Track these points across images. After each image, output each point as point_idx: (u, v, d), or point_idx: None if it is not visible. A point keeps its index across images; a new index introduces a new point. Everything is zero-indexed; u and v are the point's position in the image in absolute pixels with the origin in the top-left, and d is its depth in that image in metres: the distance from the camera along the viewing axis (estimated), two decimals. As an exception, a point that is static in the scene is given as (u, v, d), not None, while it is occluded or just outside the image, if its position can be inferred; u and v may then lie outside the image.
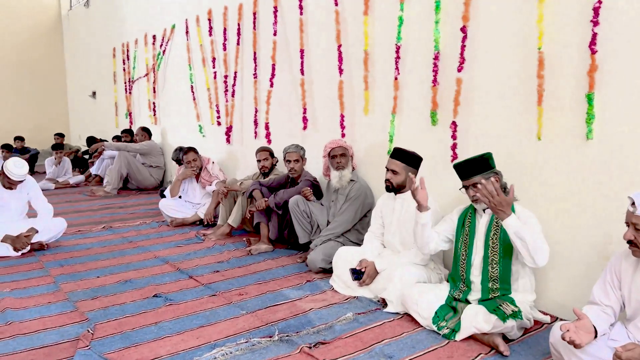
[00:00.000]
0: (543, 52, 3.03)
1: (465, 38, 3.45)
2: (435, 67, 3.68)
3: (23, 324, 3.03)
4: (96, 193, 7.66)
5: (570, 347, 2.28)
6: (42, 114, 12.61)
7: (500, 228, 2.80)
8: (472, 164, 2.87)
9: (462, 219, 3.02)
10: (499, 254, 2.81)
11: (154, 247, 4.72)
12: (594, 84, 2.82)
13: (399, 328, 2.95)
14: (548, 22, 3.01)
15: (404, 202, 3.48)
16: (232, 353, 2.63)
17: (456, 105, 3.56)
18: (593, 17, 2.78)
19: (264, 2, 5.46)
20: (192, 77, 6.99)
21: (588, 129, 2.86)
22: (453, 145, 3.60)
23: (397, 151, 3.48)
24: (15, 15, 12.19)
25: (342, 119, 4.56)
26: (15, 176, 4.42)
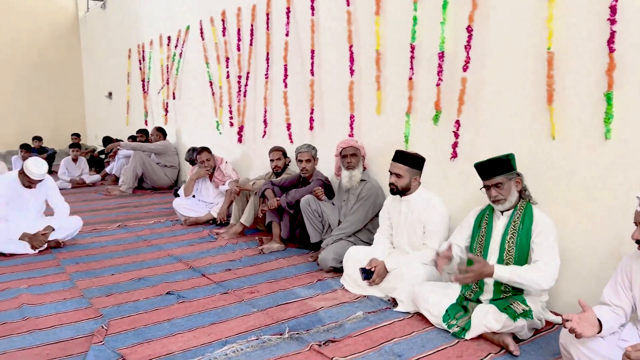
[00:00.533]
0: (553, 52, 3.01)
1: (471, 38, 3.46)
2: (439, 67, 3.71)
3: (39, 319, 3.10)
4: (112, 192, 7.77)
5: (579, 347, 2.28)
6: (59, 114, 12.80)
7: (517, 232, 2.80)
8: (495, 164, 2.85)
9: (479, 219, 3.01)
10: (514, 258, 2.79)
11: (168, 246, 4.78)
12: (612, 83, 2.80)
13: (408, 327, 2.96)
14: (560, 21, 2.99)
15: (410, 204, 3.49)
16: (243, 350, 2.67)
17: (460, 104, 3.57)
18: (610, 15, 2.76)
19: (277, 3, 5.49)
20: (210, 75, 7.03)
21: (606, 129, 2.83)
22: (465, 144, 3.61)
23: (398, 154, 3.48)
24: (34, 17, 12.39)
25: (352, 119, 4.58)
26: (35, 175, 4.51)
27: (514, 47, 3.28)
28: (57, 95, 12.79)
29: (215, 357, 2.58)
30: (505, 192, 2.83)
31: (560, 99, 3.04)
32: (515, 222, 2.83)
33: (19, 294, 3.49)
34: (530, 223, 2.79)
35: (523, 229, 2.79)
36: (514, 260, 2.79)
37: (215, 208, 5.67)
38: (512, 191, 2.84)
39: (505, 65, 3.34)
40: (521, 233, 2.79)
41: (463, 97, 3.57)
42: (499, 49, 3.36)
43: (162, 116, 8.59)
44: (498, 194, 2.83)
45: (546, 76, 3.08)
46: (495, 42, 3.38)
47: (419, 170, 3.47)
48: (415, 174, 3.44)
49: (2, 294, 3.53)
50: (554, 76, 3.05)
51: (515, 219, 2.84)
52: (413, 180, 3.44)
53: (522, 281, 2.66)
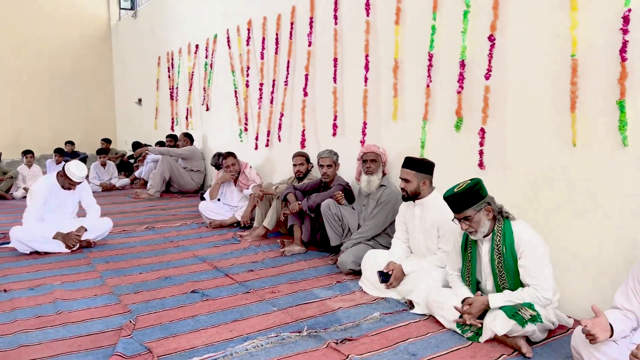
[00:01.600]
0: (577, 58, 3.07)
1: (493, 47, 3.53)
2: (461, 75, 3.78)
3: (72, 313, 3.27)
4: (140, 195, 8.02)
5: (590, 350, 2.34)
6: (91, 119, 13.24)
7: (503, 256, 2.80)
8: (460, 197, 2.80)
9: (464, 243, 3.02)
10: (508, 282, 2.82)
11: (193, 247, 4.95)
12: (625, 91, 2.85)
13: (424, 328, 3.03)
14: (581, 29, 3.04)
15: (423, 208, 3.57)
16: (263, 346, 2.78)
17: (485, 112, 3.64)
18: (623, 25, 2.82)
19: (301, 12, 5.64)
20: (235, 83, 7.23)
21: (622, 136, 2.88)
22: (480, 152, 3.68)
23: (407, 160, 3.57)
24: (69, 27, 12.87)
25: (365, 125, 4.71)
26: (76, 178, 4.74)
27: (534, 55, 3.34)
28: (89, 101, 13.23)
29: (237, 352, 2.70)
30: (475, 224, 2.81)
31: (581, 107, 3.09)
32: (498, 245, 2.83)
33: (53, 289, 3.69)
34: (511, 243, 2.79)
35: (507, 252, 2.79)
36: (510, 282, 2.82)
37: (239, 211, 5.82)
38: (483, 221, 2.82)
39: (526, 73, 3.40)
40: (506, 256, 2.79)
41: (487, 105, 3.65)
42: (520, 57, 3.43)
43: (188, 122, 8.83)
44: (468, 227, 2.83)
45: (570, 83, 3.12)
46: (516, 50, 3.45)
47: (427, 174, 3.54)
48: (423, 178, 3.51)
49: (37, 289, 3.73)
50: (577, 83, 3.09)
51: (497, 242, 2.83)
52: (422, 185, 3.51)
53: (519, 301, 2.73)
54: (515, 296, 2.76)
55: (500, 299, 2.77)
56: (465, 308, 2.83)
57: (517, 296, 2.75)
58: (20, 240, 4.59)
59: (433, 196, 3.56)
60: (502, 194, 3.15)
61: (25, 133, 12.09)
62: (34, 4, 12.37)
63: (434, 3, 3.99)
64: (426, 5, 4.06)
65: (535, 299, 2.72)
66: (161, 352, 2.71)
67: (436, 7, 3.98)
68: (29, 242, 4.61)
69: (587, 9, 3.02)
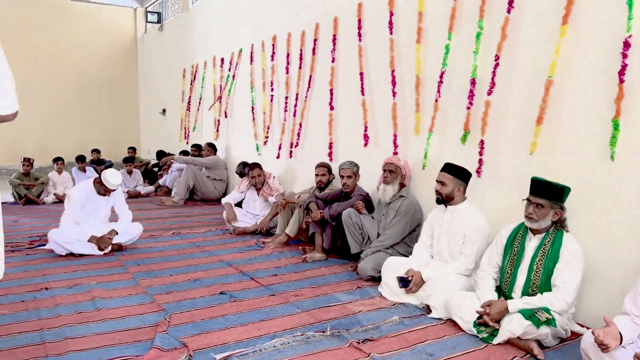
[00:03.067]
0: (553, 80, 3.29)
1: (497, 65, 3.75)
2: (471, 92, 4.05)
3: (110, 310, 3.50)
4: (165, 203, 8.29)
5: (599, 353, 2.49)
6: (116, 128, 13.66)
7: (546, 255, 3.01)
8: (548, 188, 2.99)
9: (512, 237, 3.23)
10: (540, 279, 3.01)
11: (219, 252, 5.17)
12: (620, 111, 3.08)
13: (441, 331, 3.20)
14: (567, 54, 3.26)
15: (454, 214, 3.74)
16: (290, 343, 2.98)
17: (484, 125, 3.83)
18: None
19: (324, 29, 5.89)
20: (254, 99, 7.52)
21: (612, 151, 3.12)
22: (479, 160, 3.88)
23: (446, 165, 3.77)
24: (96, 38, 13.36)
25: (395, 138, 4.89)
26: (111, 185, 5.02)
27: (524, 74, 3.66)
28: (115, 111, 13.67)
29: (265, 348, 2.90)
30: (541, 215, 3.02)
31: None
32: (545, 246, 3.03)
33: (91, 288, 3.93)
34: (559, 247, 2.99)
35: (552, 253, 3.00)
36: (541, 281, 3.01)
37: (262, 219, 6.04)
38: (547, 218, 3.02)
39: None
40: (549, 257, 3.00)
41: (486, 119, 3.90)
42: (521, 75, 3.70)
43: (212, 132, 9.12)
44: (534, 213, 3.03)
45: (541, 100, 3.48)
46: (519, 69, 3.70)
47: (463, 182, 3.72)
48: (459, 184, 3.69)
49: (75, 288, 3.98)
50: (547, 101, 3.46)
51: (546, 242, 3.04)
52: (457, 191, 3.69)
53: (537, 304, 2.91)
54: (534, 301, 2.94)
55: (519, 302, 2.96)
56: (485, 311, 3.02)
57: (536, 301, 2.93)
58: (57, 242, 4.85)
59: (465, 205, 3.73)
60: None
61: (54, 141, 12.53)
62: (64, 17, 12.88)
63: (450, 24, 4.20)
64: (443, 26, 4.29)
65: (554, 302, 2.89)
66: (195, 346, 2.92)
67: (452, 28, 4.20)
68: (66, 244, 4.87)
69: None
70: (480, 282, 3.32)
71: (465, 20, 4.11)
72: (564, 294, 2.92)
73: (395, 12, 4.82)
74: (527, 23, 3.64)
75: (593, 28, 3.23)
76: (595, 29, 3.21)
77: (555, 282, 2.97)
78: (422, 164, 4.54)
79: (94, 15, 13.27)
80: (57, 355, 2.79)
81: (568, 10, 3.32)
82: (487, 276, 3.31)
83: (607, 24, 3.14)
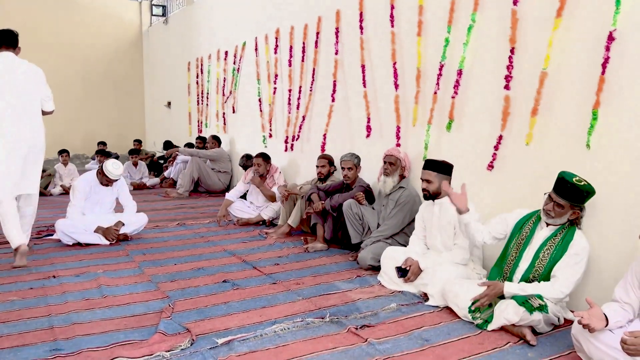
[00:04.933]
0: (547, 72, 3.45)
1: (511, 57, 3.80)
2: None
3: (116, 297, 3.61)
4: (170, 194, 8.40)
5: (588, 338, 2.57)
6: (122, 121, 13.77)
7: (555, 247, 3.04)
8: (573, 189, 2.93)
9: (522, 222, 3.26)
10: (544, 268, 3.06)
11: (222, 242, 5.27)
12: (600, 102, 3.19)
13: (437, 318, 3.29)
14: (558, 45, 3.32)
15: (442, 207, 3.82)
16: (290, 329, 3.07)
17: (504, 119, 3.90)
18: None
19: (327, 22, 5.95)
20: (260, 91, 7.59)
21: (587, 140, 3.25)
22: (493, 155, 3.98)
23: (428, 162, 3.84)
24: (102, 32, 13.43)
25: (398, 130, 4.96)
26: (113, 175, 5.13)
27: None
28: (121, 103, 13.77)
29: (266, 333, 2.99)
30: (559, 214, 3.03)
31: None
32: (556, 237, 3.06)
33: (97, 276, 4.04)
34: (569, 241, 3.02)
35: (561, 245, 3.03)
36: (544, 269, 3.06)
37: (265, 210, 6.14)
38: (565, 216, 3.04)
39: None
40: (558, 248, 3.03)
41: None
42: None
43: (216, 125, 9.21)
44: (553, 211, 3.03)
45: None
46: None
47: (447, 175, 3.80)
48: (443, 179, 3.76)
49: (82, 276, 4.08)
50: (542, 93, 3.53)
51: (557, 234, 3.07)
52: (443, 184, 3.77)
53: (530, 292, 2.98)
54: (529, 288, 3.00)
55: (515, 287, 3.03)
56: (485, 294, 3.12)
57: (532, 288, 3.00)
58: (64, 232, 4.97)
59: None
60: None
61: (61, 134, 12.63)
62: (69, 10, 12.95)
63: (450, 17, 4.26)
64: (443, 19, 4.34)
65: (550, 290, 2.96)
66: (198, 331, 3.01)
67: (451, 20, 4.25)
68: (73, 234, 4.99)
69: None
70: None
71: (464, 13, 4.15)
72: (561, 285, 2.97)
73: (397, 5, 4.87)
74: (526, 15, 3.69)
75: (585, 21, 3.29)
76: (587, 22, 3.27)
77: (555, 272, 3.01)
78: (423, 155, 4.60)
79: (99, 9, 13.34)
80: (65, 339, 2.89)
81: (562, 3, 3.37)
82: (484, 229, 3.38)
83: (596, 18, 3.22)
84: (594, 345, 2.56)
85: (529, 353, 2.81)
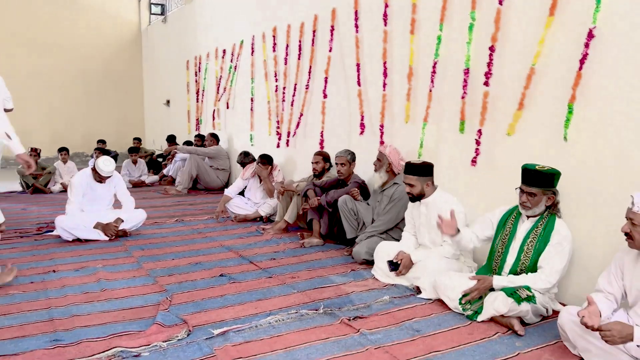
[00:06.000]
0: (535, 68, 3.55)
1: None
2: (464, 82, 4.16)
3: (114, 291, 3.68)
4: (169, 192, 8.48)
5: (575, 329, 2.64)
6: (121, 119, 13.85)
7: (538, 238, 3.14)
8: (538, 176, 3.10)
9: (505, 218, 3.36)
10: (530, 260, 3.15)
11: (220, 238, 5.35)
12: (575, 97, 3.33)
13: (428, 310, 3.36)
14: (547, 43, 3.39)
15: (428, 206, 3.90)
16: (284, 320, 3.15)
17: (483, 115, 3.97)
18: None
19: (323, 21, 6.02)
20: (253, 90, 7.67)
21: (564, 133, 3.37)
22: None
23: (407, 166, 3.90)
24: (101, 30, 13.50)
25: (382, 127, 5.05)
26: (104, 172, 5.20)
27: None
28: (120, 102, 13.85)
29: (261, 325, 3.07)
30: (534, 202, 3.15)
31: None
32: (538, 229, 3.17)
33: (96, 271, 4.11)
34: (550, 231, 3.13)
35: (543, 236, 3.13)
36: (530, 261, 3.15)
37: (262, 207, 6.21)
38: (541, 204, 3.15)
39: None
40: (541, 239, 3.14)
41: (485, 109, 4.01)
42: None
43: (216, 123, 9.28)
44: (527, 201, 3.16)
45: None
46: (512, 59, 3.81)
47: (429, 176, 3.87)
48: (425, 180, 3.84)
49: (82, 270, 4.16)
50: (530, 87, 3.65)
51: (539, 225, 3.17)
52: (425, 186, 3.85)
53: (520, 283, 3.07)
54: (517, 280, 3.09)
55: (504, 280, 3.12)
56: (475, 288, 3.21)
57: (520, 280, 3.08)
58: (64, 228, 5.04)
59: (436, 194, 3.89)
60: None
61: (61, 132, 12.71)
62: (69, 9, 13.01)
63: (442, 15, 4.32)
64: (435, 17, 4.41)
65: (537, 281, 3.05)
66: (195, 323, 3.09)
67: (443, 19, 4.32)
68: (72, 230, 5.06)
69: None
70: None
71: (458, 10, 4.21)
72: (548, 274, 3.06)
73: (390, 4, 4.94)
74: (516, 14, 3.76)
75: (574, 19, 3.36)
76: (575, 20, 3.35)
77: (541, 263, 3.11)
78: (418, 153, 4.66)
79: (98, 7, 13.40)
80: (65, 331, 2.97)
81: (554, 1, 3.44)
82: (472, 235, 3.47)
83: (581, 16, 3.30)
84: (580, 336, 2.63)
85: (516, 343, 2.89)
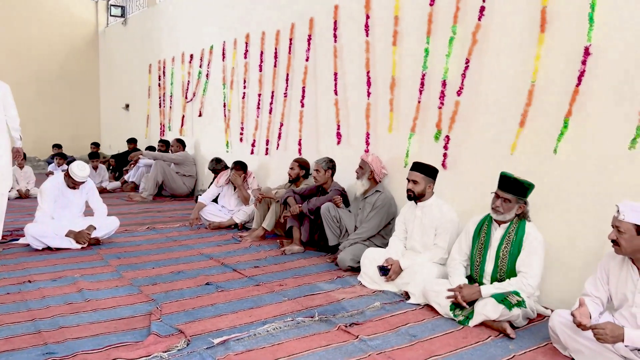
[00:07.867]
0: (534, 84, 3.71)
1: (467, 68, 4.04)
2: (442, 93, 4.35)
3: (99, 301, 3.56)
4: (133, 198, 8.26)
5: (566, 330, 2.78)
6: (77, 123, 13.35)
7: (511, 243, 3.29)
8: (515, 184, 3.26)
9: (479, 228, 3.50)
10: (507, 266, 3.30)
11: (198, 245, 5.27)
12: (572, 111, 3.49)
13: (420, 315, 3.45)
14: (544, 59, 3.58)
15: (424, 209, 4.01)
16: (282, 328, 3.14)
17: (452, 123, 4.12)
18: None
19: (300, 30, 6.06)
20: (225, 96, 7.60)
21: (555, 146, 3.54)
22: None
23: (416, 164, 4.02)
24: (56, 31, 12.99)
25: (368, 136, 5.13)
26: (78, 178, 5.03)
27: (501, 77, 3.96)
28: (75, 105, 13.35)
29: (259, 333, 3.06)
30: (507, 209, 3.30)
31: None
32: (510, 235, 3.33)
33: (75, 281, 3.96)
34: (522, 235, 3.29)
35: (516, 241, 3.29)
36: (507, 267, 3.30)
37: (237, 214, 6.16)
38: (512, 211, 3.31)
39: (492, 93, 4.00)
40: (514, 244, 3.29)
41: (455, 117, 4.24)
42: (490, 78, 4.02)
43: (182, 129, 9.11)
44: (500, 207, 3.31)
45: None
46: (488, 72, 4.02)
47: (432, 179, 3.99)
48: (429, 182, 3.95)
49: (60, 280, 4.00)
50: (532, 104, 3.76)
51: (510, 231, 3.33)
52: (427, 188, 3.96)
53: (506, 290, 3.20)
54: (504, 286, 3.22)
55: (491, 288, 3.25)
56: (457, 290, 3.31)
57: (506, 286, 3.22)
58: (34, 236, 4.83)
59: (433, 200, 4.00)
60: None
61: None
62: (21, 7, 12.47)
63: (428, 28, 4.46)
64: (422, 30, 4.54)
65: (521, 286, 3.18)
66: (191, 332, 3.04)
67: (430, 32, 4.46)
68: (42, 238, 4.85)
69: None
70: (452, 270, 3.58)
71: (442, 24, 4.36)
72: (529, 278, 3.21)
73: (372, 15, 5.04)
74: (504, 31, 3.95)
75: (566, 38, 3.55)
76: (566, 39, 3.54)
77: (520, 268, 3.26)
78: (404, 162, 4.74)
79: (53, 6, 12.90)
80: (56, 343, 2.86)
81: (543, 20, 3.62)
82: (457, 264, 3.57)
83: (575, 34, 3.50)
84: (571, 337, 2.77)
85: (510, 345, 3.00)
